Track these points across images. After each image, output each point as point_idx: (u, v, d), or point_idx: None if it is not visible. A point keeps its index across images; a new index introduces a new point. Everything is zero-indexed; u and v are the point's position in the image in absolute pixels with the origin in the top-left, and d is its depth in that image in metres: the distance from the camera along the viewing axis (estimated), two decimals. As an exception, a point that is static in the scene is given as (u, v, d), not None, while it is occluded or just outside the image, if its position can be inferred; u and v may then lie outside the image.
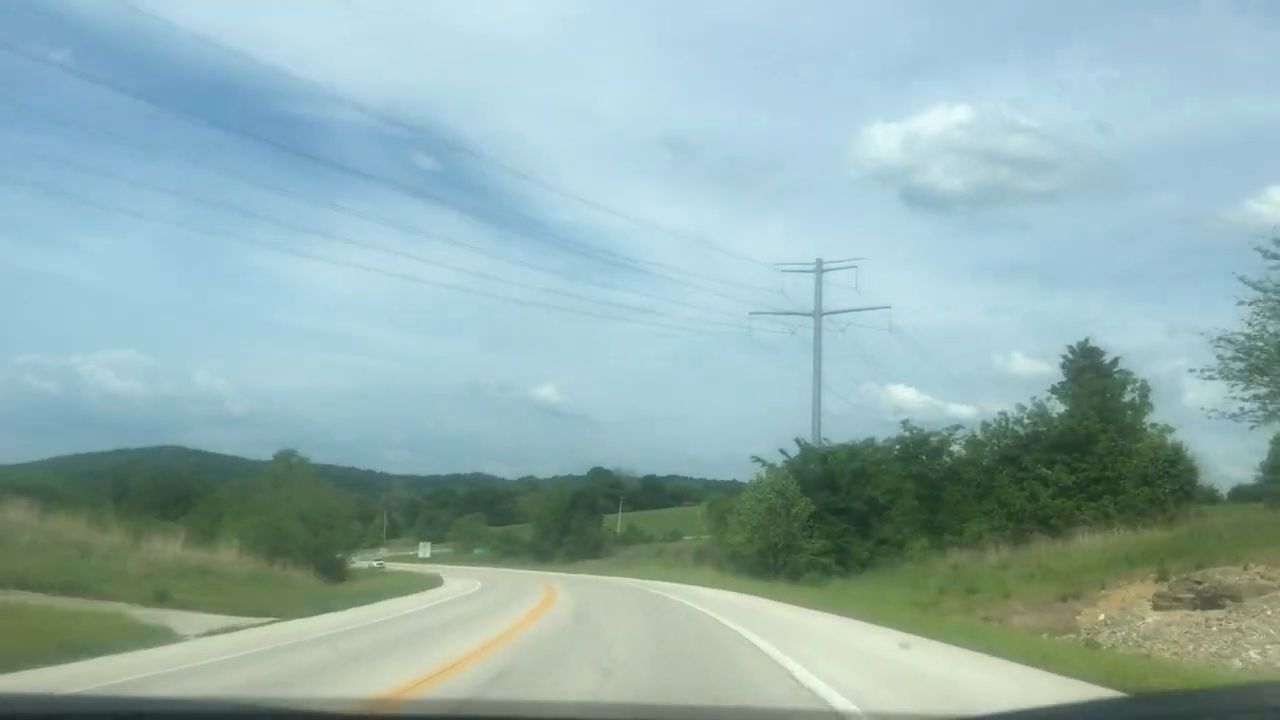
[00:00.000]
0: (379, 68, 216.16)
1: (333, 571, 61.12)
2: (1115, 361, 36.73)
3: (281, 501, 64.70)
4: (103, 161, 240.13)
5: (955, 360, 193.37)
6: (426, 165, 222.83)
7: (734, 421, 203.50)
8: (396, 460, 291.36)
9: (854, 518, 43.25)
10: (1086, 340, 37.64)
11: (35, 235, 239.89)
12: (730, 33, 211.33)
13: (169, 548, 32.83)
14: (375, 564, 76.97)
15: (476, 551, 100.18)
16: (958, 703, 8.80)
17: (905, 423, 40.95)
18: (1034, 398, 36.91)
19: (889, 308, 50.46)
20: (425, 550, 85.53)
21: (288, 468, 76.81)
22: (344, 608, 23.41)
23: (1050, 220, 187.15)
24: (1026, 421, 36.03)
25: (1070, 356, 37.83)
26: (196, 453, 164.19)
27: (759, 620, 18.76)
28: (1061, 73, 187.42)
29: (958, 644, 13.83)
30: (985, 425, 37.42)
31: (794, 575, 39.09)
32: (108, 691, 8.57)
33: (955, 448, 40.66)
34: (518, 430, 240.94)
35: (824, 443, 46.34)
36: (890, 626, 16.82)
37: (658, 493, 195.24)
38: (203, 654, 12.52)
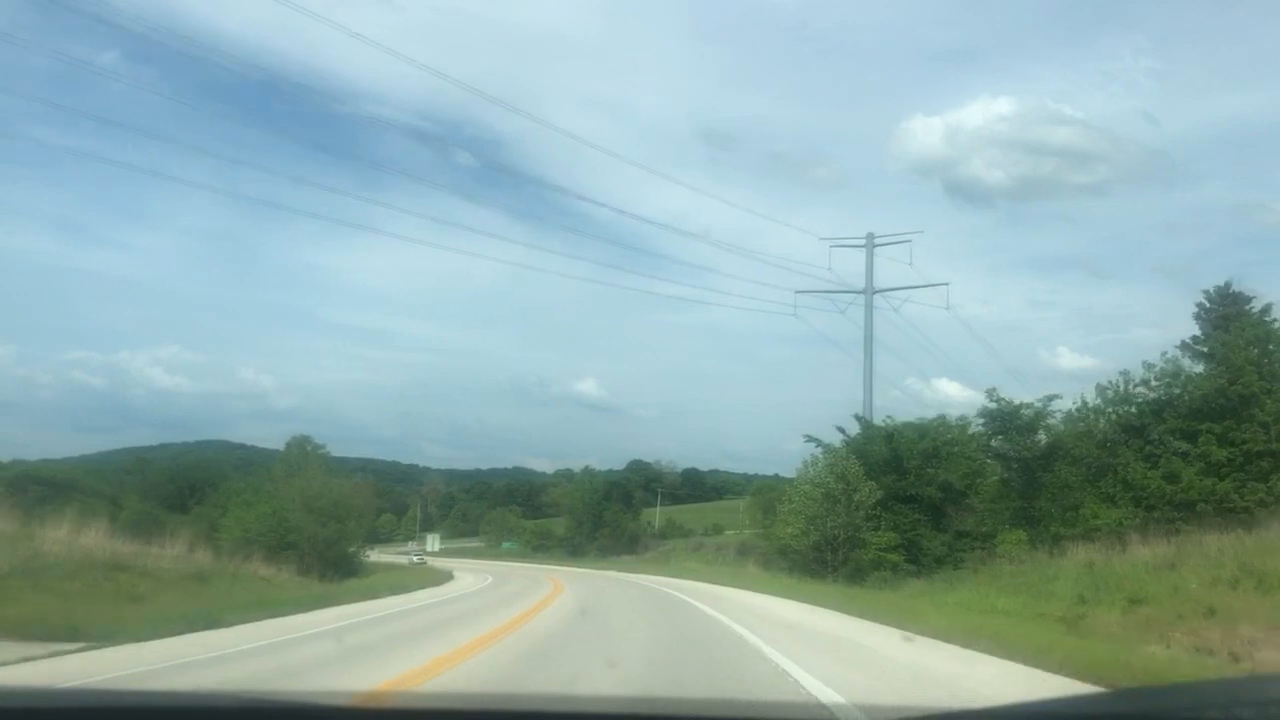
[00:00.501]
0: (422, 64, 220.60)
1: (343, 566, 54.96)
2: (1268, 309, 28.90)
3: (288, 491, 58.68)
4: (149, 160, 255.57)
5: (999, 356, 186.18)
6: (467, 161, 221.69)
7: (778, 415, 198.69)
8: (438, 455, 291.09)
9: (925, 506, 35.93)
10: (1228, 284, 29.91)
11: (83, 234, 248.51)
12: (769, 26, 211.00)
13: (82, 540, 26.31)
14: (416, 559, 69.62)
15: (505, 545, 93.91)
16: None
17: (991, 392, 33.40)
18: (1164, 354, 29.30)
19: (947, 284, 43.33)
20: (434, 544, 77.77)
21: (302, 455, 70.89)
22: (249, 621, 16.65)
23: (1096, 213, 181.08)
24: (1154, 383, 28.43)
25: (1208, 304, 30.08)
26: (241, 447, 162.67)
27: (853, 660, 11.62)
28: (1106, 63, 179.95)
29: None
30: (1101, 389, 29.81)
31: (857, 575, 31.83)
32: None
33: (1052, 421, 33.13)
34: (558, 425, 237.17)
35: (888, 420, 38.98)
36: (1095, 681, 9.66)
37: (699, 486, 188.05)
38: None
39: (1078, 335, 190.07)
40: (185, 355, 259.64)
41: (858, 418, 36.88)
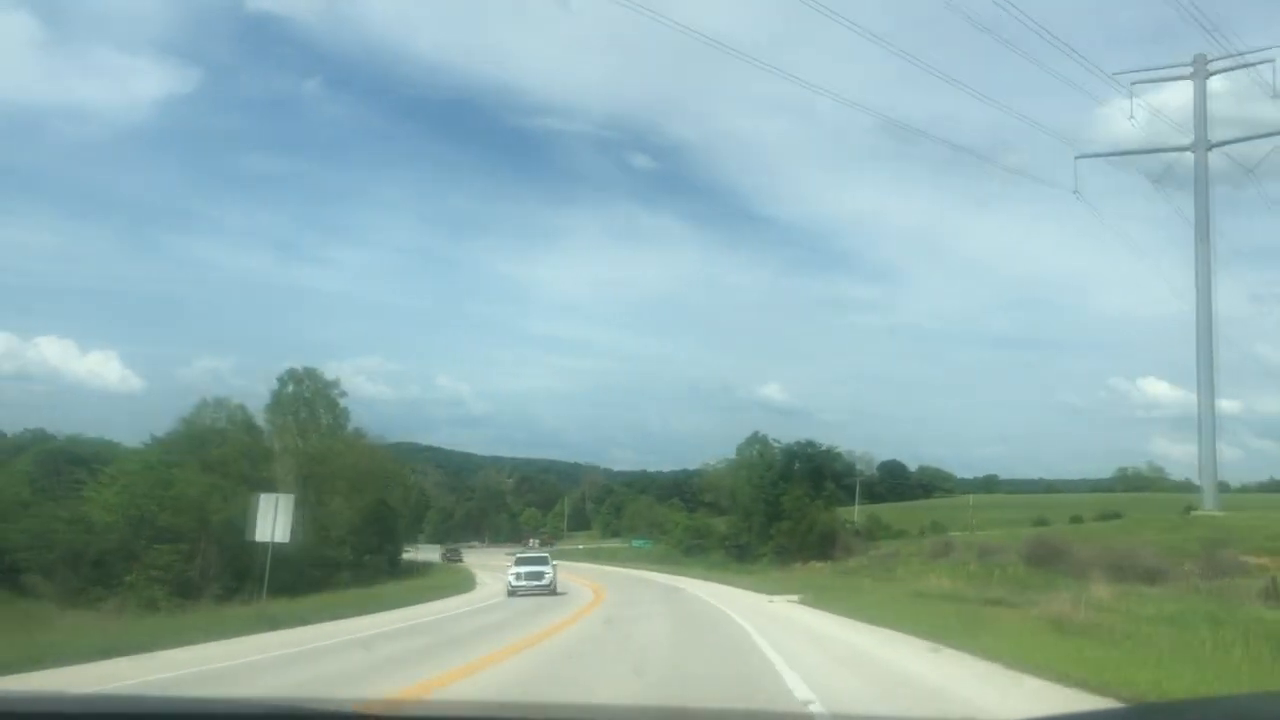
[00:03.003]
0: (600, 77, 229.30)
1: (303, 575, 29.43)
2: None
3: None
4: (351, 180, 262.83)
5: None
6: (648, 169, 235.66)
7: (977, 418, 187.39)
8: (623, 459, 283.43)
9: None
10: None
11: (295, 252, 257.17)
12: (951, 15, 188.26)
13: None
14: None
15: (635, 544, 67.48)
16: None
17: None
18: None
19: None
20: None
21: (301, 385, 45.68)
22: None
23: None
24: None
25: None
26: (429, 449, 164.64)
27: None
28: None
29: None
30: None
31: None
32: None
33: None
34: (743, 429, 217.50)
35: None
36: None
37: (902, 482, 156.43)
38: None
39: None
40: (387, 365, 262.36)
41: None
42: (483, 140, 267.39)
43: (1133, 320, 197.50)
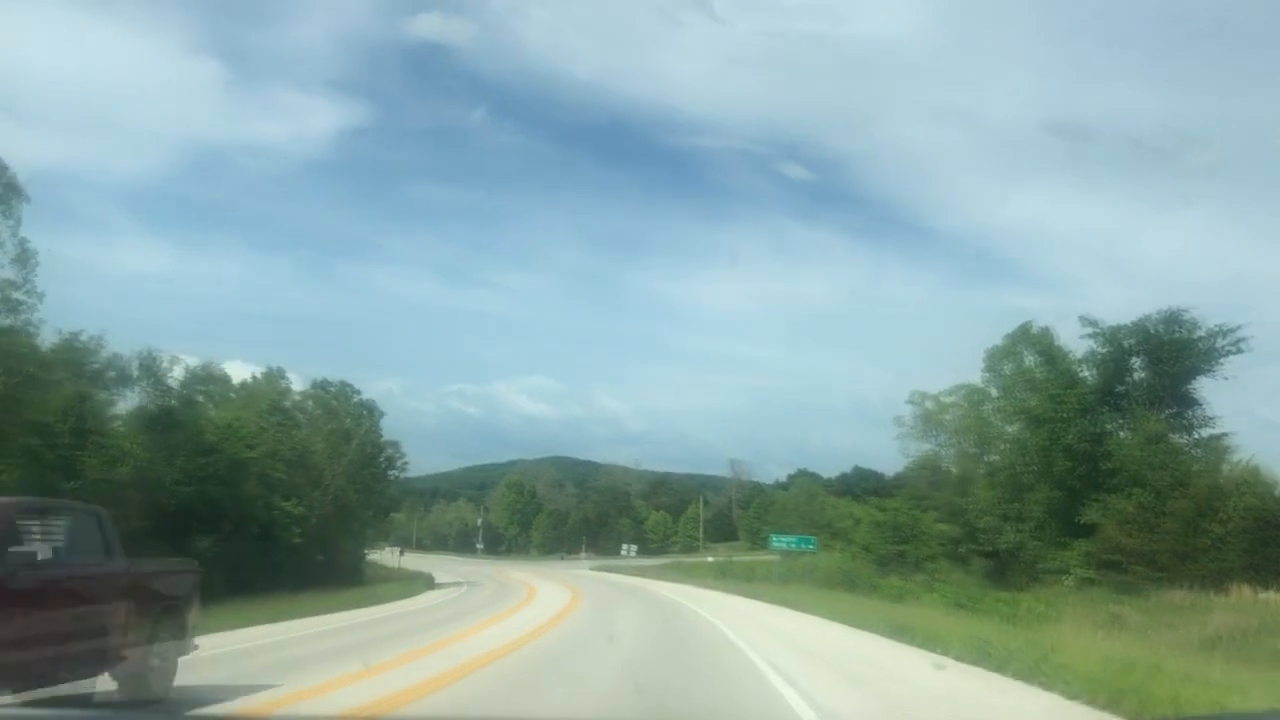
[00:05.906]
0: (754, 92, 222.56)
1: None
2: None
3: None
4: (514, 204, 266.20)
5: None
6: (805, 182, 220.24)
7: None
8: (780, 476, 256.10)
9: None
10: None
11: (462, 276, 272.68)
12: (1127, 9, 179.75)
13: None
14: None
15: (775, 543, 38.99)
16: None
17: None
18: None
19: None
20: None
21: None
22: None
23: None
24: None
25: None
26: (583, 463, 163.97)
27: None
28: None
29: None
30: None
31: None
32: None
33: None
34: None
35: None
36: None
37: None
38: None
39: None
40: (548, 384, 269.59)
41: None
42: (639, 161, 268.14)
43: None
